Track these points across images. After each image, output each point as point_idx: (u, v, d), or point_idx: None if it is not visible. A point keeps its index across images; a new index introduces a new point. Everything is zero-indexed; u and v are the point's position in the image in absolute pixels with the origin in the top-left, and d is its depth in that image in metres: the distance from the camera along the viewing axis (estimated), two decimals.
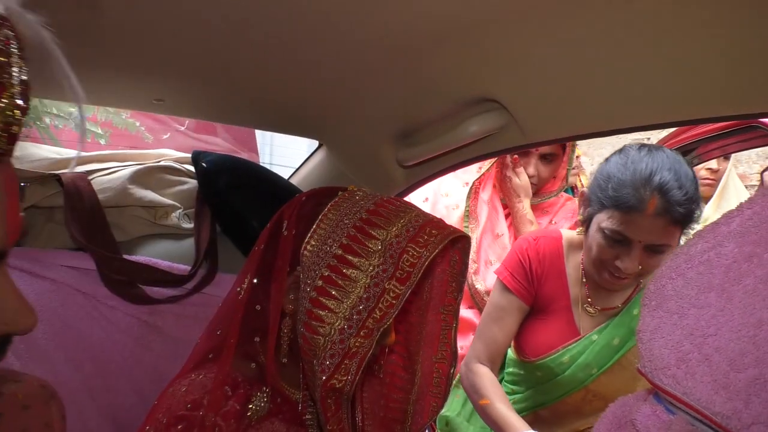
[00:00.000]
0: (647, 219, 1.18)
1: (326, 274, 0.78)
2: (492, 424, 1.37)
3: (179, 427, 0.77)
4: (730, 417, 0.48)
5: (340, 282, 0.77)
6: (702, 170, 2.34)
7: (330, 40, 0.91)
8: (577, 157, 2.47)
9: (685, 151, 1.68)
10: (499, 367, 1.51)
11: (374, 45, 0.92)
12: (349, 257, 0.78)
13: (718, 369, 0.49)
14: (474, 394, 1.43)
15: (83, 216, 1.17)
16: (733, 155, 2.37)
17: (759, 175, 3.73)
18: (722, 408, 0.48)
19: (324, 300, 0.77)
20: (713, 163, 2.30)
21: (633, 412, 0.59)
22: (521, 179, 1.91)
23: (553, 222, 1.98)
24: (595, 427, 0.64)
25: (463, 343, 1.86)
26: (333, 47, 0.93)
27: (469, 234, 1.90)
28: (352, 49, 0.94)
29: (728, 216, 0.56)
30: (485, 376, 1.43)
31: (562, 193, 2.08)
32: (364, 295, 0.76)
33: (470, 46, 0.91)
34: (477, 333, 1.51)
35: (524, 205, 1.90)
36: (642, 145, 1.28)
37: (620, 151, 1.31)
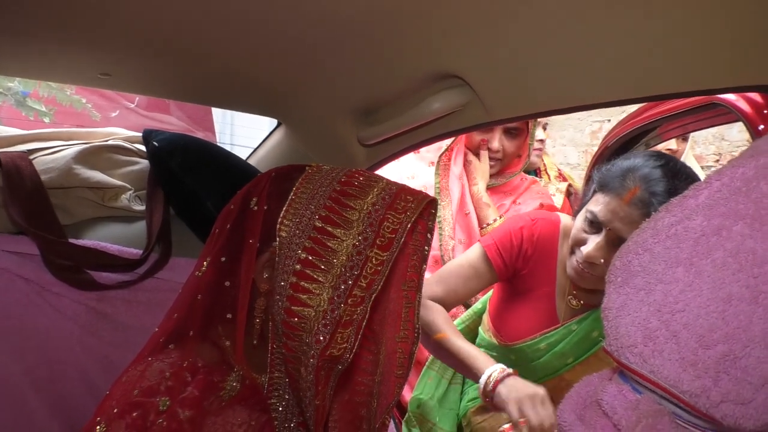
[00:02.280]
0: (623, 206, 1.16)
1: (309, 245, 0.78)
2: (449, 358, 1.33)
3: (134, 414, 0.73)
4: (698, 395, 0.46)
5: (323, 253, 0.78)
6: (661, 150, 2.36)
7: (286, 13, 0.87)
8: (541, 140, 2.47)
9: (647, 129, 1.69)
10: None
11: (333, 18, 0.89)
12: (329, 228, 0.78)
13: (687, 346, 0.47)
14: (426, 328, 1.36)
15: (24, 198, 1.11)
16: (690, 136, 2.40)
17: (714, 156, 3.81)
18: (690, 386, 0.47)
19: (310, 272, 0.77)
20: (672, 144, 2.32)
21: (598, 392, 0.57)
22: (482, 161, 1.89)
23: (517, 202, 1.97)
24: (559, 408, 0.62)
25: None
26: (290, 21, 0.89)
27: (442, 211, 1.88)
28: (310, 23, 0.90)
29: (696, 188, 0.54)
30: (439, 312, 1.39)
31: (526, 176, 2.08)
32: (348, 264, 0.77)
33: (432, 21, 0.88)
34: (439, 277, 1.45)
35: (479, 188, 1.88)
36: (664, 154, 1.24)
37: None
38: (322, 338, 0.77)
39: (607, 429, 0.52)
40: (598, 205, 1.22)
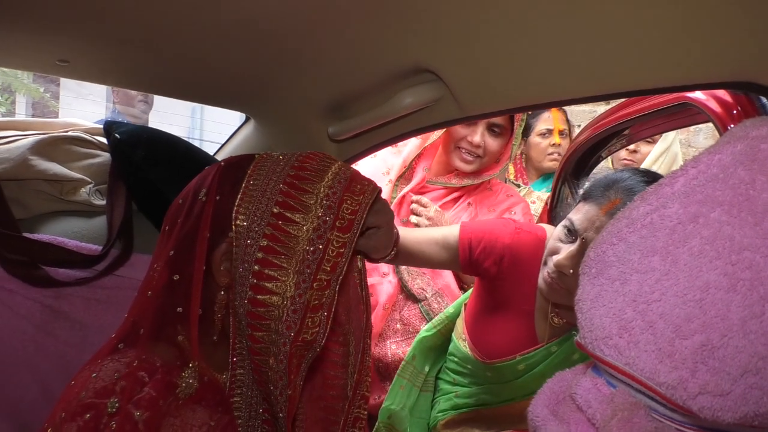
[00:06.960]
0: (600, 216, 1.13)
1: (269, 233, 0.77)
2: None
3: (87, 416, 0.70)
4: (675, 387, 0.44)
5: (284, 239, 0.77)
6: (623, 151, 2.35)
7: (257, 6, 0.84)
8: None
9: (617, 131, 1.69)
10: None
11: (304, 11, 0.86)
12: (288, 214, 0.78)
13: (663, 336, 0.46)
14: None
15: None
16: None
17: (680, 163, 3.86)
18: (667, 378, 0.45)
19: (273, 258, 0.77)
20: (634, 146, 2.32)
21: (572, 386, 0.55)
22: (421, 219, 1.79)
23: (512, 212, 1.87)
24: (532, 404, 0.60)
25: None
26: (261, 13, 0.87)
27: (398, 192, 1.84)
28: (280, 15, 0.88)
29: (672, 176, 0.53)
30: None
31: (498, 182, 1.97)
32: (310, 248, 0.77)
33: (404, 15, 0.87)
34: (413, 230, 1.43)
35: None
36: (653, 172, 1.22)
37: None
38: (293, 324, 0.76)
39: (581, 423, 0.50)
40: (578, 213, 1.19)
